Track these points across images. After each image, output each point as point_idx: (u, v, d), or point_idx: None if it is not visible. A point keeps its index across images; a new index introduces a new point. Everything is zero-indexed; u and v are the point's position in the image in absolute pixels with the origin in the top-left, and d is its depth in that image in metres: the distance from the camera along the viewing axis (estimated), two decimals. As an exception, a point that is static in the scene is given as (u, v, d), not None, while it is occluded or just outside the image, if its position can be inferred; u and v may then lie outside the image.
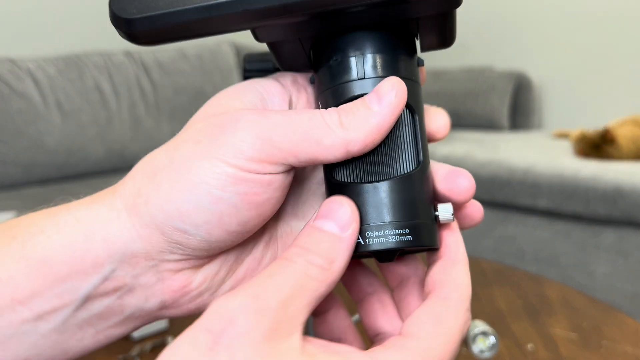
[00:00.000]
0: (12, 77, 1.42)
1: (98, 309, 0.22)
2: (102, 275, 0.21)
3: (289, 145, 0.20)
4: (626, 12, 2.17)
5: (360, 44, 0.22)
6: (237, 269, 0.24)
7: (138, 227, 0.21)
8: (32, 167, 1.43)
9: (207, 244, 0.21)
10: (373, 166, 0.22)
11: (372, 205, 0.21)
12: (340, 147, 0.20)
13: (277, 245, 0.25)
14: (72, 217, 0.22)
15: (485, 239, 1.77)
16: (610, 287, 1.54)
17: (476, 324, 0.51)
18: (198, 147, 0.20)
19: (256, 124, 0.20)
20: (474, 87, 2.32)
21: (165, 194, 0.20)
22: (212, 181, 0.20)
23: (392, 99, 0.20)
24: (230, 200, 0.20)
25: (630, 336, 0.58)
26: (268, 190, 0.21)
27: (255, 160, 0.20)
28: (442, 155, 1.83)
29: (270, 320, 0.17)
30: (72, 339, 0.23)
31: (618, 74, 2.22)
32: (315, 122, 0.20)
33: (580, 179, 1.53)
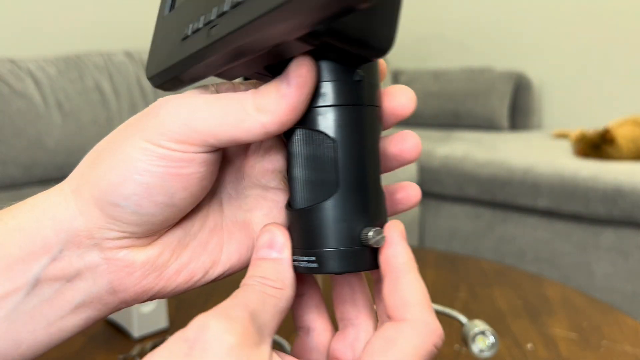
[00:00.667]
0: (12, 77, 1.42)
1: (48, 293, 0.24)
2: (50, 255, 0.23)
3: (207, 128, 0.22)
4: (626, 12, 2.17)
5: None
6: (181, 252, 0.26)
7: (80, 205, 0.23)
8: (32, 167, 1.43)
9: (138, 217, 0.23)
10: (297, 192, 0.23)
11: (293, 230, 0.24)
12: (258, 128, 0.22)
13: (222, 233, 0.27)
14: (27, 205, 0.24)
15: (485, 239, 1.77)
16: (610, 287, 1.54)
17: (476, 323, 0.51)
18: (128, 130, 0.23)
19: (177, 108, 0.22)
20: (473, 87, 2.32)
21: (100, 172, 0.23)
22: (139, 156, 0.22)
23: (299, 77, 0.21)
24: (156, 172, 0.22)
25: (630, 336, 0.58)
26: (192, 165, 0.22)
27: (176, 141, 0.22)
28: (442, 155, 1.83)
29: (241, 327, 0.19)
30: (23, 330, 0.24)
31: (618, 74, 2.22)
32: (233, 106, 0.22)
33: (580, 179, 1.53)
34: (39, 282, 0.23)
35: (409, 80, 2.56)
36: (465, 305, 0.65)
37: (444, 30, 2.65)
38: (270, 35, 0.19)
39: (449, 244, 1.84)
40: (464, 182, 1.76)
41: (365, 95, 0.23)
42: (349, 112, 0.23)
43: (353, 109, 0.23)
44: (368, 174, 0.23)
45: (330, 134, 0.22)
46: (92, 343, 0.56)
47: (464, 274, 0.75)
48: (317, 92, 0.22)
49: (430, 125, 2.45)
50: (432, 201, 1.89)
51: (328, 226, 0.23)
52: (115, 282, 0.24)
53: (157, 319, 0.57)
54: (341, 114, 0.22)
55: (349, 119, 0.23)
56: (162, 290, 0.25)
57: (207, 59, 0.22)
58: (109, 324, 0.59)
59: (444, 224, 1.85)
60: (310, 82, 0.22)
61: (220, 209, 0.27)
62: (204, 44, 0.21)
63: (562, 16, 2.32)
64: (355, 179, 0.23)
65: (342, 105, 0.22)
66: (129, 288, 0.25)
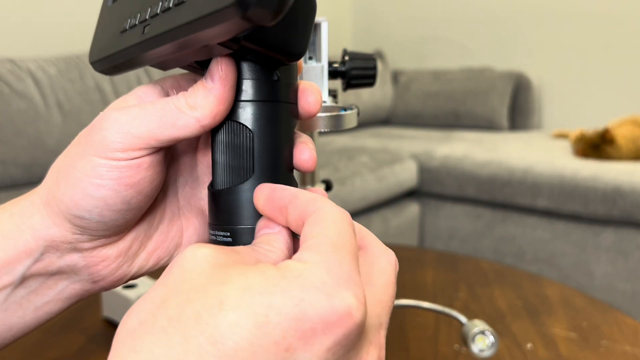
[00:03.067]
0: (12, 77, 1.42)
1: (34, 285, 0.27)
2: (33, 258, 0.26)
3: (147, 133, 0.24)
4: (625, 12, 2.17)
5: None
6: (147, 243, 0.29)
7: (53, 217, 0.26)
8: (32, 167, 1.43)
9: (104, 224, 0.26)
10: (218, 175, 0.26)
11: (213, 209, 0.26)
12: (194, 125, 0.24)
13: (180, 221, 0.30)
14: (7, 213, 0.27)
15: (485, 239, 1.77)
16: (610, 287, 1.54)
17: (476, 323, 0.51)
18: (79, 148, 0.25)
19: (116, 120, 0.24)
20: (473, 87, 2.32)
21: (62, 190, 0.25)
22: (91, 173, 0.24)
23: (220, 73, 0.24)
24: (109, 185, 0.24)
25: (629, 336, 0.58)
26: (140, 171, 0.25)
27: (120, 150, 0.24)
28: (442, 155, 1.83)
29: (215, 247, 0.21)
30: (14, 316, 0.27)
31: (617, 75, 2.22)
32: (168, 108, 0.24)
33: (579, 179, 1.53)
34: (24, 278, 0.26)
35: (409, 80, 2.56)
36: (465, 305, 0.65)
37: (444, 30, 2.65)
38: (194, 40, 0.22)
39: (449, 244, 1.84)
40: (463, 182, 1.77)
41: (282, 93, 0.26)
42: (266, 107, 0.25)
43: (270, 105, 0.26)
44: (280, 162, 0.26)
45: (249, 125, 0.25)
46: (92, 343, 0.56)
47: (463, 274, 0.75)
48: (240, 88, 0.25)
49: (430, 125, 2.45)
50: (432, 201, 1.89)
51: (242, 206, 0.25)
52: (94, 274, 0.28)
53: (157, 319, 0.57)
54: (259, 108, 0.25)
55: (265, 113, 0.25)
56: (135, 274, 0.29)
57: (141, 53, 0.25)
58: (109, 324, 0.59)
59: (443, 224, 1.85)
60: (231, 77, 0.24)
61: (176, 199, 0.30)
62: (138, 40, 0.24)
63: (562, 16, 2.32)
64: (268, 166, 0.26)
65: (260, 101, 0.25)
66: (107, 277, 0.28)
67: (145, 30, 0.24)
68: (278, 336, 0.18)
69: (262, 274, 0.19)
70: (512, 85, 2.27)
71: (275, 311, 0.18)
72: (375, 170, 1.71)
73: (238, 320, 0.18)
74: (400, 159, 1.83)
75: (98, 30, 0.30)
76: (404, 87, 2.55)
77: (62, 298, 0.28)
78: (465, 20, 2.57)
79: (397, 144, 2.01)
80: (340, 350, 0.19)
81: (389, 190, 1.75)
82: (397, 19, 2.78)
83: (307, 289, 0.19)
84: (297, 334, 0.18)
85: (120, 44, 0.26)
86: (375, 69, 0.49)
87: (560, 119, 2.37)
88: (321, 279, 0.19)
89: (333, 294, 0.19)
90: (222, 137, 0.26)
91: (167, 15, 0.22)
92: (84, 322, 0.60)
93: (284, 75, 0.26)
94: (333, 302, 0.18)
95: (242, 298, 0.18)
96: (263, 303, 0.18)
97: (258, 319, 0.18)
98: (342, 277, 0.19)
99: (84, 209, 0.25)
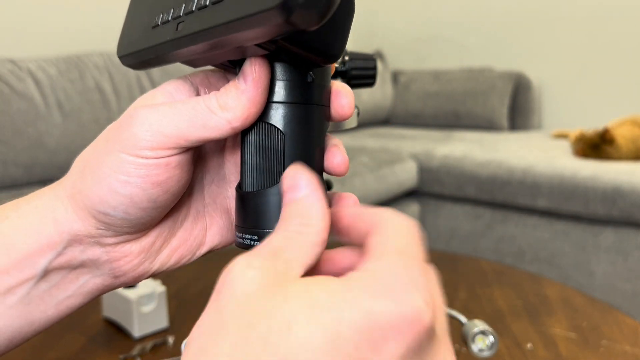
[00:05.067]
0: (12, 77, 1.42)
1: (55, 280, 0.27)
2: (55, 251, 0.26)
3: (177, 132, 0.24)
4: (625, 12, 2.17)
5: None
6: (171, 239, 0.29)
7: (77, 212, 0.26)
8: (32, 167, 1.43)
9: (128, 221, 0.26)
10: (247, 177, 0.25)
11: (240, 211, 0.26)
12: (224, 126, 0.24)
13: (205, 219, 0.30)
14: (31, 205, 0.26)
15: (485, 239, 1.77)
16: (610, 287, 1.54)
17: (476, 323, 0.51)
18: (107, 144, 0.25)
19: (146, 118, 0.24)
20: (473, 87, 2.32)
21: (89, 185, 0.25)
22: (119, 169, 0.24)
23: (253, 74, 0.23)
24: (136, 182, 0.24)
25: (629, 336, 0.58)
26: (167, 170, 0.24)
27: (149, 149, 0.24)
28: (442, 155, 1.83)
29: (263, 261, 0.19)
30: (36, 310, 0.27)
31: (617, 75, 2.22)
32: (199, 108, 0.24)
33: (579, 179, 1.54)
34: (47, 272, 0.26)
35: (409, 80, 2.56)
36: (465, 305, 0.65)
37: (444, 31, 2.65)
38: (230, 40, 0.21)
39: (449, 244, 1.84)
40: (463, 182, 1.77)
41: (315, 95, 0.25)
42: (299, 109, 0.25)
43: (303, 107, 0.25)
44: (312, 166, 0.25)
45: (281, 128, 0.25)
46: (93, 343, 0.56)
47: (463, 274, 0.75)
48: (273, 89, 0.25)
49: (430, 125, 2.45)
50: (432, 201, 1.89)
51: (272, 210, 0.25)
52: (116, 269, 0.27)
53: (157, 319, 0.57)
54: (292, 110, 0.25)
55: (298, 116, 0.25)
56: (156, 271, 0.29)
57: (173, 51, 0.24)
58: (109, 324, 0.59)
59: (443, 224, 1.85)
60: (265, 79, 0.24)
61: (202, 198, 0.30)
62: (171, 37, 0.24)
63: (562, 16, 2.32)
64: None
65: (293, 102, 0.25)
66: (128, 273, 0.28)
67: (179, 27, 0.23)
68: (351, 348, 0.17)
69: (326, 288, 0.18)
70: (512, 86, 2.27)
71: (345, 325, 0.17)
72: (375, 170, 1.71)
73: (309, 338, 0.17)
74: (400, 159, 1.83)
75: (127, 23, 0.30)
76: (403, 87, 2.55)
77: (83, 292, 0.28)
78: (465, 20, 2.57)
79: (397, 144, 2.01)
80: (414, 356, 0.18)
81: (389, 190, 1.75)
82: (397, 19, 2.78)
83: (375, 297, 0.18)
84: (370, 345, 0.18)
85: (151, 39, 0.26)
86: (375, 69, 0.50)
87: (560, 119, 2.38)
88: (388, 286, 0.19)
89: (402, 299, 0.18)
90: (252, 139, 0.25)
91: (203, 13, 0.22)
92: (84, 323, 0.60)
93: (318, 77, 0.25)
94: (402, 308, 0.18)
95: (310, 315, 0.18)
96: (332, 317, 0.17)
97: (329, 334, 0.17)
98: (409, 282, 0.19)
99: (109, 206, 0.25)
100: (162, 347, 0.54)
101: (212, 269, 0.65)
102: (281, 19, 0.18)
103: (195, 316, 0.20)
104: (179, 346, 0.54)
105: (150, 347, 0.54)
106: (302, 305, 0.18)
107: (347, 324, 0.17)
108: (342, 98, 0.26)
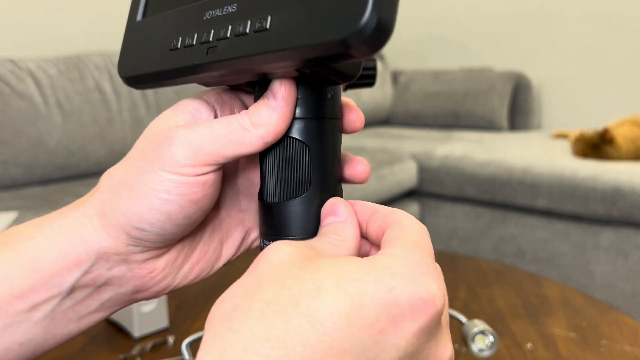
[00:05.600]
0: (12, 77, 1.42)
1: (80, 297, 0.27)
2: (82, 269, 0.27)
3: (215, 149, 0.25)
4: (625, 13, 2.17)
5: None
6: (191, 254, 0.30)
7: (107, 229, 0.26)
8: (32, 167, 1.43)
9: (162, 237, 0.27)
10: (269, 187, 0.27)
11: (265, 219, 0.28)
12: (258, 141, 0.25)
13: (222, 232, 0.31)
14: (55, 225, 0.27)
15: (485, 239, 1.77)
16: (610, 287, 1.54)
17: (475, 323, 0.51)
18: (144, 163, 0.26)
19: (186, 137, 0.25)
20: (473, 87, 2.32)
21: (124, 202, 0.26)
22: (159, 188, 0.25)
23: (283, 92, 0.25)
24: (175, 200, 0.25)
25: (629, 336, 0.58)
26: (205, 189, 0.26)
27: (190, 166, 0.25)
28: (442, 155, 1.83)
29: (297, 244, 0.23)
30: (59, 324, 0.27)
31: (617, 75, 2.22)
32: (233, 127, 0.25)
33: (579, 179, 1.54)
34: (72, 289, 0.27)
35: (408, 80, 2.56)
36: (465, 305, 0.65)
37: (444, 31, 2.65)
38: (272, 67, 0.23)
39: (449, 244, 1.84)
40: (463, 182, 1.77)
41: (334, 110, 0.28)
42: (320, 123, 0.27)
43: (324, 121, 0.27)
44: (333, 176, 0.28)
45: (306, 141, 0.27)
46: (93, 343, 0.56)
47: (463, 274, 0.75)
48: (296, 106, 0.26)
49: (430, 126, 2.45)
50: (432, 201, 1.89)
51: (299, 218, 0.27)
52: (139, 285, 0.28)
53: (157, 319, 0.57)
54: (315, 125, 0.27)
55: (320, 130, 0.27)
56: (177, 286, 0.30)
57: (202, 74, 0.26)
58: (110, 324, 0.59)
59: (443, 224, 1.86)
60: (294, 96, 0.26)
61: (218, 212, 0.31)
62: (202, 61, 0.25)
63: (562, 16, 2.32)
64: (323, 180, 0.27)
65: (316, 118, 0.27)
66: (150, 288, 0.29)
67: (209, 52, 0.24)
68: (372, 319, 0.19)
69: (354, 263, 0.21)
70: (512, 86, 2.27)
71: (369, 296, 0.19)
72: (375, 170, 1.71)
73: (336, 303, 0.19)
74: (400, 159, 1.83)
75: (128, 46, 0.31)
76: (403, 88, 2.55)
77: (105, 307, 0.29)
78: (465, 20, 2.57)
79: (397, 144, 2.01)
80: (423, 336, 0.20)
81: (388, 190, 1.75)
82: (397, 19, 2.78)
83: (397, 277, 0.20)
84: (389, 318, 0.20)
85: (171, 62, 0.27)
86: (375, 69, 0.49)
87: (559, 119, 2.38)
88: (408, 270, 0.21)
89: (420, 283, 0.20)
90: (277, 152, 0.27)
91: (242, 40, 0.23)
92: (85, 322, 0.60)
93: (335, 93, 0.27)
94: (420, 290, 0.20)
95: (338, 284, 0.20)
96: (358, 288, 0.20)
97: (354, 302, 0.19)
98: (426, 270, 0.21)
99: (147, 222, 0.26)
100: (162, 347, 0.54)
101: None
102: (341, 51, 0.19)
103: (196, 316, 0.20)
104: (179, 346, 0.54)
105: (150, 347, 0.54)
106: (331, 274, 0.20)
107: (370, 296, 0.19)
108: (354, 112, 0.29)
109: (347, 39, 0.19)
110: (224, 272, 0.70)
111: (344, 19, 0.19)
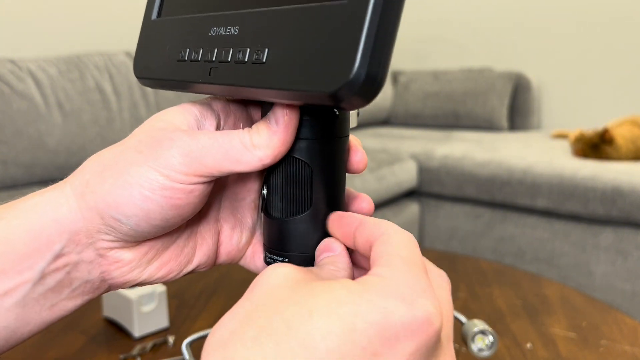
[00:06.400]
0: (13, 77, 1.42)
1: (51, 283, 0.27)
2: (53, 252, 0.26)
3: (213, 163, 0.25)
4: (624, 13, 2.17)
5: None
6: (163, 253, 0.30)
7: (83, 210, 0.26)
8: (33, 167, 1.43)
9: (135, 232, 0.26)
10: (274, 204, 0.28)
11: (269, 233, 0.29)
12: (255, 162, 0.25)
13: (197, 239, 0.31)
14: (29, 203, 0.27)
15: (484, 239, 1.77)
16: (609, 287, 1.54)
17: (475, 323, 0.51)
18: (139, 156, 0.26)
19: (187, 144, 0.25)
20: (473, 87, 2.32)
21: (107, 188, 0.26)
22: (145, 184, 0.25)
23: (284, 118, 0.25)
24: (157, 201, 0.25)
25: (629, 335, 0.58)
26: (189, 197, 0.26)
27: (183, 173, 0.25)
28: (442, 155, 1.83)
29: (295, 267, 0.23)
30: (32, 312, 0.27)
31: (616, 75, 2.22)
32: (234, 144, 0.25)
33: (579, 179, 1.54)
34: (44, 275, 0.27)
35: (408, 80, 2.56)
36: (465, 305, 0.65)
37: (444, 31, 2.65)
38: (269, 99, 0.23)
39: (448, 244, 1.84)
40: (463, 182, 1.77)
41: (339, 128, 0.27)
42: (325, 143, 0.27)
43: (328, 141, 0.27)
44: (336, 194, 0.28)
45: (308, 162, 0.27)
46: (93, 343, 0.56)
47: (463, 274, 0.75)
48: (300, 124, 0.26)
49: (430, 126, 2.46)
50: (432, 201, 1.89)
51: (301, 235, 0.27)
52: (106, 274, 0.28)
53: (157, 319, 0.57)
54: (319, 145, 0.27)
55: (324, 150, 0.27)
56: (144, 281, 0.30)
57: (201, 90, 0.26)
58: (110, 324, 0.60)
59: (443, 224, 1.86)
60: (295, 121, 0.26)
61: (198, 219, 0.31)
62: (205, 80, 0.25)
63: (562, 16, 2.32)
64: (326, 199, 0.27)
65: (319, 138, 0.27)
66: (117, 278, 0.29)
67: (211, 73, 0.25)
68: (365, 342, 0.19)
69: (346, 287, 0.21)
70: (512, 86, 2.27)
71: (361, 319, 0.19)
72: (375, 170, 1.71)
73: (328, 327, 0.19)
74: (399, 159, 1.83)
75: (143, 45, 0.31)
76: (403, 88, 2.55)
77: (76, 295, 0.28)
78: (465, 21, 2.57)
79: (396, 144, 2.01)
80: (421, 356, 0.20)
81: (388, 190, 1.75)
82: (397, 19, 2.78)
83: (389, 299, 0.20)
84: (382, 340, 0.19)
85: (178, 73, 0.27)
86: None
87: (559, 119, 2.38)
88: (400, 290, 0.21)
89: (413, 303, 0.20)
90: (280, 171, 0.27)
91: (240, 68, 0.23)
92: (85, 322, 0.60)
93: (341, 112, 0.27)
94: (414, 311, 0.20)
95: (330, 307, 0.20)
96: (350, 312, 0.20)
97: (346, 326, 0.19)
98: (419, 288, 0.21)
99: (123, 214, 0.25)
100: (163, 347, 0.55)
101: (213, 269, 0.65)
102: (330, 103, 0.20)
103: (196, 316, 0.20)
104: (179, 346, 0.54)
105: (151, 346, 0.54)
106: (324, 298, 0.20)
107: (362, 319, 0.19)
108: (357, 155, 0.30)
109: (336, 93, 0.19)
110: (224, 272, 0.70)
111: (334, 71, 0.19)
